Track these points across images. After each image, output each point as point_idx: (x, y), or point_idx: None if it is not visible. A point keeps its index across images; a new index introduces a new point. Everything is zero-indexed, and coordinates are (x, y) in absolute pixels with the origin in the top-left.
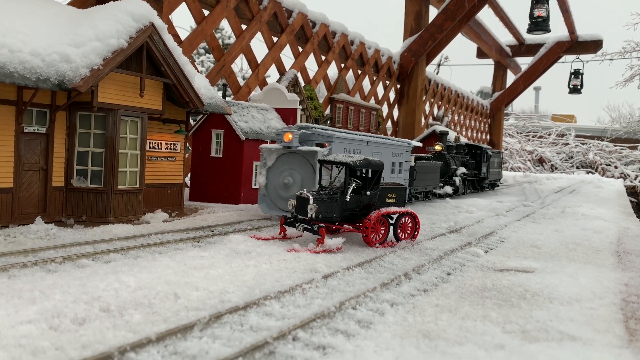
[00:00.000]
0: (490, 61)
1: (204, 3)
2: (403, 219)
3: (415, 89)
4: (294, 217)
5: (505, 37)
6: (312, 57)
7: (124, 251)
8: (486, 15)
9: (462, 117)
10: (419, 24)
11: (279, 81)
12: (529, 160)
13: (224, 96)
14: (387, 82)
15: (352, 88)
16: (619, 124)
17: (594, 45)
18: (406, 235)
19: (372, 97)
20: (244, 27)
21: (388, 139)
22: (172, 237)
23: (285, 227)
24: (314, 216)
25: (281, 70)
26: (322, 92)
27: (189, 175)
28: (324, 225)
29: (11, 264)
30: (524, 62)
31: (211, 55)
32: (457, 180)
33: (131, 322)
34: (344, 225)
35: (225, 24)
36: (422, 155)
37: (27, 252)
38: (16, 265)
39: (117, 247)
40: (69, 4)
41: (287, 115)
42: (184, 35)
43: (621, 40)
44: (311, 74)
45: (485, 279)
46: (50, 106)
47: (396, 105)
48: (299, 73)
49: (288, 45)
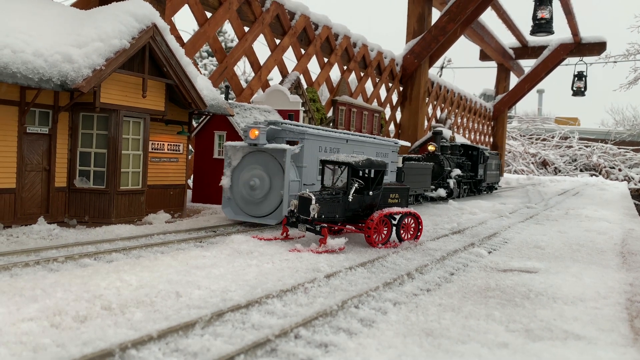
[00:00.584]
0: (493, 64)
1: (206, 5)
2: (406, 220)
3: (418, 91)
4: (296, 218)
5: (508, 40)
6: (314, 59)
7: (126, 251)
8: (489, 18)
9: (465, 119)
10: (421, 26)
11: (281, 83)
12: (532, 163)
13: (226, 98)
14: (390, 84)
15: (355, 90)
16: (623, 126)
17: (597, 48)
18: (409, 236)
19: (375, 100)
20: (246, 29)
21: (373, 137)
22: (174, 238)
23: (288, 227)
24: (316, 216)
25: (284, 73)
26: (324, 94)
27: (192, 177)
28: (326, 225)
29: (13, 263)
30: (527, 64)
31: (213, 59)
32: (452, 182)
33: (132, 320)
34: (347, 225)
35: (227, 26)
36: (413, 155)
37: (29, 252)
38: (18, 264)
39: (119, 247)
40: (72, 4)
41: (289, 117)
42: (187, 38)
43: (625, 43)
44: (314, 76)
45: (489, 279)
46: (52, 107)
47: (399, 108)
48: (302, 75)
49: (290, 48)
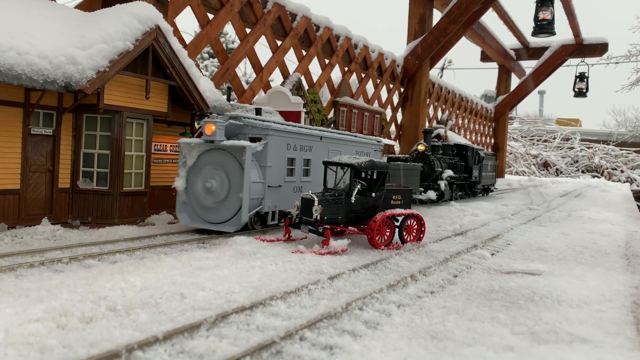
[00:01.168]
0: (495, 65)
1: (208, 7)
2: (408, 221)
3: (419, 92)
4: (298, 219)
5: (509, 41)
6: (315, 61)
7: (130, 252)
8: (490, 19)
9: (466, 120)
10: (422, 28)
11: (282, 84)
12: (533, 164)
13: (228, 99)
14: (391, 85)
15: (356, 91)
16: (625, 127)
17: (599, 49)
18: (412, 238)
19: (376, 101)
20: (248, 30)
21: (353, 135)
22: (177, 239)
23: (290, 228)
24: (318, 218)
25: (285, 74)
26: (325, 95)
27: None
28: (329, 226)
29: (18, 263)
30: (529, 65)
31: (215, 60)
32: (442, 184)
33: (138, 321)
34: (349, 227)
35: (229, 28)
36: (400, 156)
37: (34, 253)
38: (23, 265)
39: (123, 248)
40: (76, 6)
41: (291, 118)
42: (188, 39)
43: (627, 44)
44: (315, 78)
45: (492, 281)
46: (57, 108)
47: (400, 109)
48: (303, 76)
49: (292, 49)
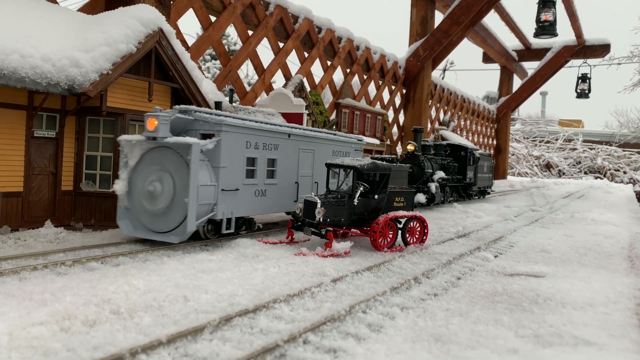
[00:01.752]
0: (497, 66)
1: (210, 9)
2: (411, 223)
3: (421, 93)
4: (301, 221)
5: (511, 42)
6: (317, 63)
7: (133, 254)
8: (492, 20)
9: (468, 122)
10: (424, 29)
11: (285, 86)
12: (536, 166)
13: (230, 101)
14: (393, 87)
15: (358, 93)
16: (627, 128)
17: (601, 50)
18: (414, 240)
19: (378, 102)
20: (250, 32)
21: (328, 133)
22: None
23: (293, 231)
24: (321, 220)
25: (287, 76)
26: (327, 97)
27: None
28: (331, 229)
29: (22, 266)
30: (531, 66)
31: (217, 62)
32: (433, 186)
33: (141, 325)
34: (352, 229)
35: (231, 30)
36: (386, 156)
37: (37, 255)
38: (27, 268)
39: (126, 251)
40: (79, 9)
41: (293, 120)
42: (191, 42)
43: (629, 45)
44: (317, 79)
45: (496, 284)
46: (60, 111)
47: (402, 110)
48: (305, 78)
49: (294, 51)
